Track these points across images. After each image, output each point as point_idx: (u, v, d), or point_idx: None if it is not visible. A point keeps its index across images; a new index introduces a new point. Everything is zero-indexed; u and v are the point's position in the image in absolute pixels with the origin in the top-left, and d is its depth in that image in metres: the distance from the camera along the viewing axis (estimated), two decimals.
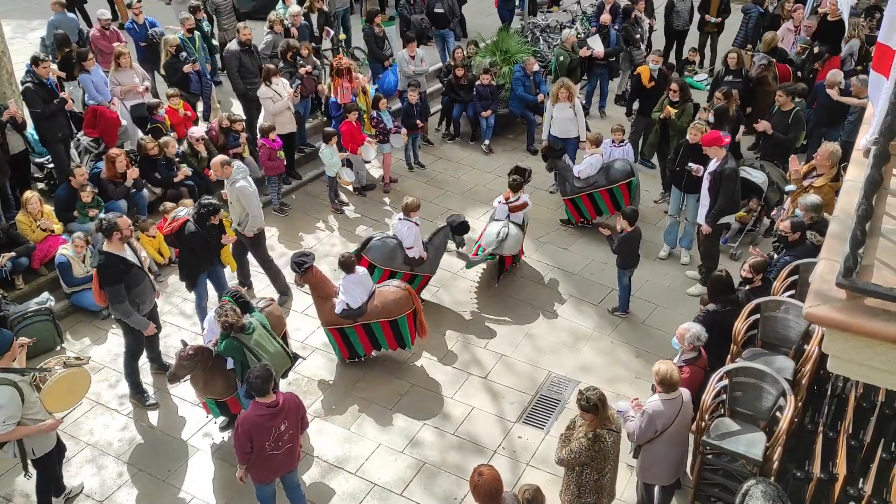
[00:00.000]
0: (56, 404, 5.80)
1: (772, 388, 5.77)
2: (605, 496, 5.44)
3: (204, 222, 7.47)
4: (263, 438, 5.45)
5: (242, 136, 10.26)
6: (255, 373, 5.43)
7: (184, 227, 7.52)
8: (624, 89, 13.09)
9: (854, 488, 4.39)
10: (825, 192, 7.89)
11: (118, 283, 6.58)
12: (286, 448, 5.62)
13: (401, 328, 7.53)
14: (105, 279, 6.60)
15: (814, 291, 2.86)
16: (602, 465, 5.29)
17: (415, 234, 8.21)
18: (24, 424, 5.48)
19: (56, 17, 11.78)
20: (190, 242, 7.52)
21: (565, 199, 9.96)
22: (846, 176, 3.59)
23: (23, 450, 5.68)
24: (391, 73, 12.10)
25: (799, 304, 6.10)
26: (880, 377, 2.89)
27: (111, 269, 6.56)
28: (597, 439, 5.20)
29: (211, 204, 7.50)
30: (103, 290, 6.70)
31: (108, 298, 6.70)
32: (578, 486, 5.36)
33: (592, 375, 7.62)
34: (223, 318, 6.24)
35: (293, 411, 5.61)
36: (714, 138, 8.13)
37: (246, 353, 6.26)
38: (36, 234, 8.34)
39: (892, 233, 3.04)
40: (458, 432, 7.08)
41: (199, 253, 7.57)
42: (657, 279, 9.07)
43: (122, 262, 6.62)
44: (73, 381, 5.90)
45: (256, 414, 5.42)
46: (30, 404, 5.50)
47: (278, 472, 5.77)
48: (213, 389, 6.54)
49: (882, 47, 3.39)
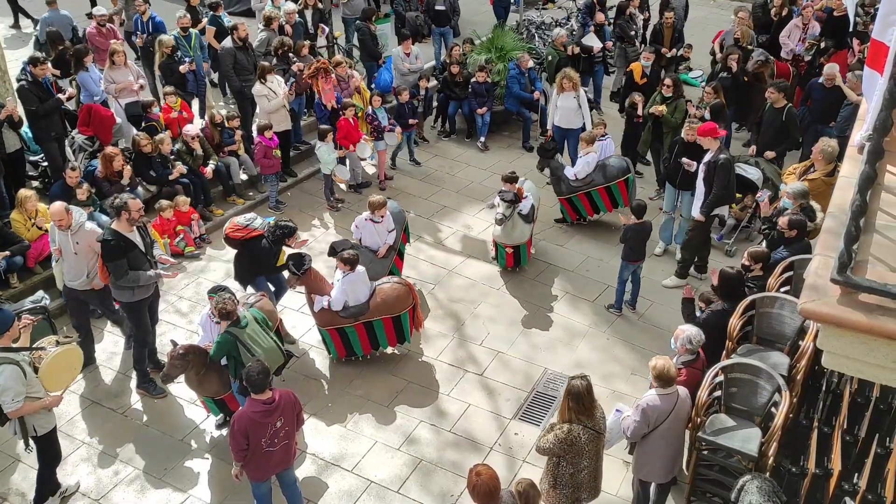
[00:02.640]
0: (54, 382, 5.84)
1: (767, 383, 5.79)
2: (583, 491, 5.43)
3: (279, 243, 7.64)
4: (259, 435, 5.45)
5: (237, 134, 10.27)
6: (254, 368, 5.42)
7: (256, 237, 7.62)
8: (619, 86, 13.09)
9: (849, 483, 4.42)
10: (817, 185, 7.98)
11: (120, 259, 6.77)
12: (282, 445, 5.61)
13: (403, 324, 7.57)
14: (107, 254, 6.79)
15: (808, 287, 2.87)
16: (577, 460, 5.28)
17: (362, 223, 8.32)
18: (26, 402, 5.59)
19: (49, 14, 11.73)
20: (257, 253, 7.62)
21: (561, 198, 9.89)
22: (840, 172, 3.60)
23: (24, 428, 5.78)
24: (385, 70, 12.09)
25: (794, 300, 6.12)
26: (875, 372, 2.90)
27: (114, 245, 6.76)
28: (570, 433, 5.19)
29: (287, 227, 7.65)
30: (106, 267, 6.88)
31: (112, 274, 6.87)
32: (554, 476, 5.38)
33: (588, 372, 7.54)
34: (221, 306, 6.23)
35: (289, 408, 5.60)
36: (709, 129, 8.15)
37: (239, 348, 6.24)
38: (31, 232, 8.32)
39: (886, 229, 3.05)
40: (454, 429, 7.09)
41: (261, 264, 7.73)
42: (653, 275, 9.08)
43: (125, 240, 6.82)
44: (68, 358, 5.95)
45: (252, 411, 5.41)
46: (31, 382, 5.60)
47: (274, 469, 5.77)
48: (208, 388, 6.53)
49: (876, 44, 3.40)
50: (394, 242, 8.44)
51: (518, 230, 8.85)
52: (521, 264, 9.21)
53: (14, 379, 5.45)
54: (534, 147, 11.77)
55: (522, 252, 9.12)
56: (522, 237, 8.95)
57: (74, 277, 7.16)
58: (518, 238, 8.93)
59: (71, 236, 6.98)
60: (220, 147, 10.15)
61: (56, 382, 5.87)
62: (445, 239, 9.89)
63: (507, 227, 8.76)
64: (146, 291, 7.09)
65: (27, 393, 5.58)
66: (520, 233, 8.88)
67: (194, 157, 9.70)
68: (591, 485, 5.47)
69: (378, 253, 8.30)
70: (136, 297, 7.01)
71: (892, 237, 3.01)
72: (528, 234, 8.99)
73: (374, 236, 8.31)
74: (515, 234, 8.87)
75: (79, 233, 6.98)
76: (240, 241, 7.66)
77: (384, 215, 8.29)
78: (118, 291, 7.05)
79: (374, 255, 8.25)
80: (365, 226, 8.32)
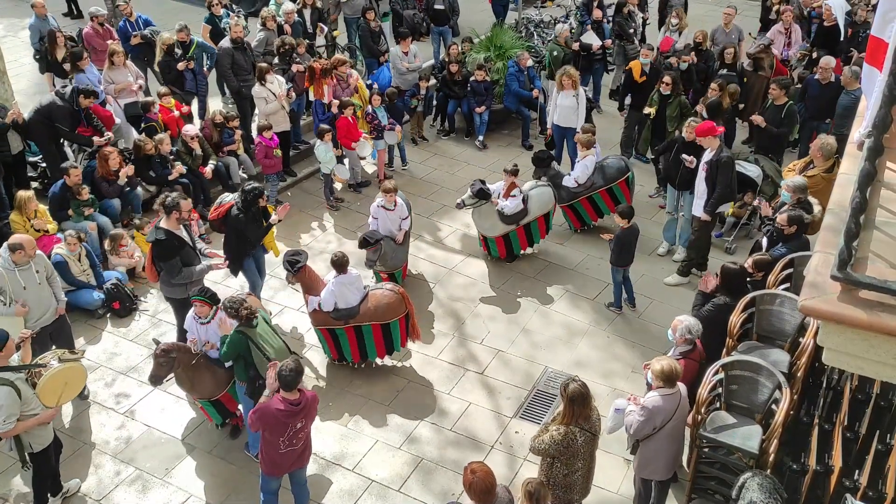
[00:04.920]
0: (52, 398, 5.78)
1: (767, 381, 5.79)
2: (576, 492, 5.44)
3: (249, 207, 7.61)
4: (278, 434, 5.41)
5: (237, 134, 10.26)
6: (288, 366, 5.35)
7: (229, 211, 7.68)
8: (618, 84, 13.08)
9: (850, 480, 4.41)
10: (816, 181, 8.00)
11: (174, 258, 6.92)
12: (300, 445, 5.60)
13: (392, 333, 7.48)
14: (160, 254, 6.93)
15: (809, 284, 2.87)
16: (571, 461, 5.29)
17: (376, 210, 8.42)
18: (21, 420, 5.53)
19: (34, 21, 11.59)
20: (237, 226, 7.65)
21: (563, 206, 9.68)
22: (840, 169, 3.60)
23: (20, 444, 5.73)
24: (386, 68, 12.07)
25: (794, 297, 6.12)
26: (875, 369, 2.90)
27: (167, 243, 6.89)
28: (566, 435, 5.19)
29: (256, 188, 7.65)
30: (156, 267, 7.04)
31: (166, 272, 7.01)
32: (548, 477, 5.38)
33: (588, 370, 7.64)
34: (244, 309, 6.17)
35: (312, 411, 5.57)
36: (708, 128, 8.15)
37: (251, 348, 6.19)
38: (30, 234, 8.30)
39: (886, 225, 3.05)
40: (455, 428, 7.09)
41: (245, 236, 7.73)
42: (654, 274, 9.09)
43: (177, 238, 6.99)
44: (69, 375, 5.88)
45: (276, 409, 5.34)
46: (27, 401, 5.54)
47: (289, 468, 5.74)
48: (202, 389, 6.48)
49: (875, 40, 3.39)
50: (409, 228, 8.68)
51: (489, 222, 8.93)
52: (490, 253, 9.27)
53: (7, 400, 5.37)
54: (533, 146, 11.78)
55: (490, 244, 9.19)
56: (492, 231, 9.00)
57: (43, 311, 6.72)
58: (488, 229, 9.02)
59: (34, 266, 6.58)
60: (220, 147, 10.14)
61: (55, 398, 5.79)
62: (445, 238, 9.89)
63: (478, 214, 8.91)
64: (197, 286, 7.11)
65: (23, 411, 5.51)
66: (490, 225, 8.96)
67: (194, 157, 9.70)
68: (583, 486, 5.50)
69: (396, 240, 8.41)
70: (189, 293, 7.08)
71: (891, 234, 3.01)
72: (498, 230, 9.00)
73: (387, 223, 8.42)
74: (486, 224, 8.98)
75: (36, 257, 6.67)
76: (220, 221, 7.78)
77: (396, 202, 8.40)
78: (170, 289, 7.18)
79: (395, 244, 8.39)
80: (378, 213, 8.42)
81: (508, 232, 9.03)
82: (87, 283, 8.25)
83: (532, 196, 9.03)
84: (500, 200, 8.80)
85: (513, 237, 9.12)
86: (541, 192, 9.15)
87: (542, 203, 9.14)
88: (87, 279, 8.28)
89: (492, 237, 9.08)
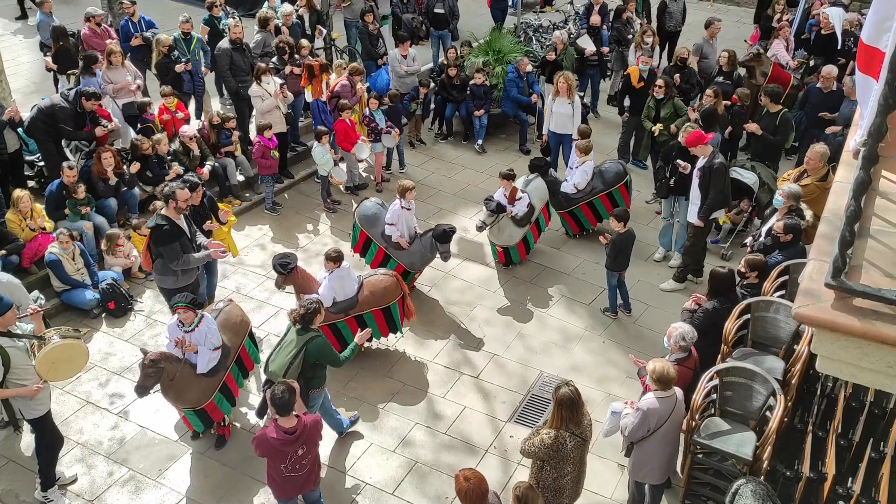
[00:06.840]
0: (52, 373, 5.79)
1: (762, 387, 5.80)
2: (565, 496, 5.43)
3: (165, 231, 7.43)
4: (279, 462, 5.30)
5: (234, 135, 10.26)
6: (279, 388, 5.15)
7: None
8: (616, 90, 13.10)
9: (843, 487, 4.42)
10: (810, 190, 8.04)
11: (173, 243, 6.96)
12: (305, 470, 5.44)
13: (393, 314, 7.65)
14: (160, 238, 6.96)
15: (803, 292, 2.87)
16: (561, 465, 5.28)
17: (398, 214, 8.36)
18: (6, 388, 5.59)
19: (42, 17, 11.62)
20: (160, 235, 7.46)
21: (562, 212, 9.72)
22: (835, 177, 3.60)
23: (10, 410, 5.81)
24: (384, 71, 12.09)
25: (789, 304, 6.13)
26: (869, 377, 2.90)
27: (167, 229, 6.94)
28: (556, 439, 5.19)
29: (187, 181, 7.56)
30: (151, 254, 7.07)
31: (166, 257, 7.01)
32: (537, 480, 5.38)
33: (583, 375, 7.64)
34: (305, 308, 6.09)
35: (313, 436, 5.38)
36: (697, 137, 8.20)
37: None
38: (25, 232, 8.30)
39: (880, 234, 3.06)
40: (449, 432, 7.08)
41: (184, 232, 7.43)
42: (649, 279, 9.10)
43: (176, 226, 7.04)
44: (71, 352, 5.88)
45: (272, 437, 5.19)
46: (17, 370, 5.56)
47: (299, 490, 5.60)
48: (187, 398, 6.38)
49: (870, 49, 3.39)
50: None
51: (506, 233, 8.95)
52: (512, 261, 9.31)
53: None
54: (530, 150, 11.80)
55: (512, 252, 9.19)
56: (511, 239, 9.01)
57: None
58: (506, 240, 9.02)
59: None
60: (217, 148, 10.14)
61: (53, 373, 5.80)
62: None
63: (496, 229, 8.91)
64: (189, 278, 7.20)
65: (11, 379, 5.55)
66: (508, 235, 8.97)
67: (191, 157, 9.69)
68: (573, 490, 5.49)
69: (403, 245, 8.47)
70: (180, 283, 7.13)
71: (886, 242, 3.01)
72: (517, 236, 9.02)
73: (412, 222, 8.54)
74: (504, 236, 8.99)
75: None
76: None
77: (413, 199, 8.47)
78: (162, 278, 7.21)
79: (419, 240, 8.45)
80: (398, 216, 8.40)
81: (525, 234, 9.13)
82: (81, 283, 8.25)
83: (531, 191, 9.13)
84: (512, 208, 8.83)
85: (528, 236, 9.28)
86: (536, 184, 9.28)
87: (541, 193, 9.30)
88: (82, 278, 8.27)
89: (513, 245, 9.11)
